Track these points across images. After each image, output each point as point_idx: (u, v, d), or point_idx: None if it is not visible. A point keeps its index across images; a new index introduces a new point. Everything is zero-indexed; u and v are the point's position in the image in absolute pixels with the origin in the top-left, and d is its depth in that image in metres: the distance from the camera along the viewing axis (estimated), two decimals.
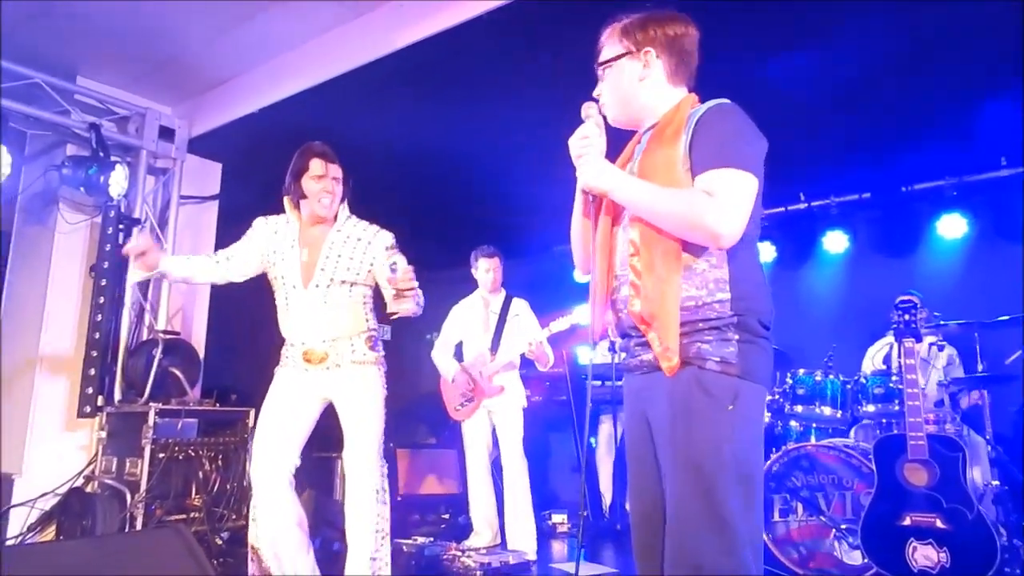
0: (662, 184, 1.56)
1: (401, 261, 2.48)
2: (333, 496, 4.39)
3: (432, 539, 4.23)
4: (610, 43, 1.73)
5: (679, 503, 1.50)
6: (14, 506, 3.93)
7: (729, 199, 1.48)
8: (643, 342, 1.59)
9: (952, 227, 4.82)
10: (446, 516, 5.12)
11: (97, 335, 4.16)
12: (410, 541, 4.14)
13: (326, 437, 2.85)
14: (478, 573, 3.59)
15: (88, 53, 4.15)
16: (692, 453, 1.49)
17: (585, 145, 1.65)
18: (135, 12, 3.71)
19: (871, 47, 3.47)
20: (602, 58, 1.73)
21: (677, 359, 1.50)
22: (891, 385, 3.72)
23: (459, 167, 4.85)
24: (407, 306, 2.50)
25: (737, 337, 1.51)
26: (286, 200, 2.82)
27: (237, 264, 2.82)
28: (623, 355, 1.71)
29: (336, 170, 2.75)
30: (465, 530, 4.46)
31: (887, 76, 3.73)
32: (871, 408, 3.78)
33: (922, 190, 4.97)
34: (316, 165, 2.71)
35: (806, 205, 5.34)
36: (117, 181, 4.15)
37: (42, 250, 4.37)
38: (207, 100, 4.66)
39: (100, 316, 4.19)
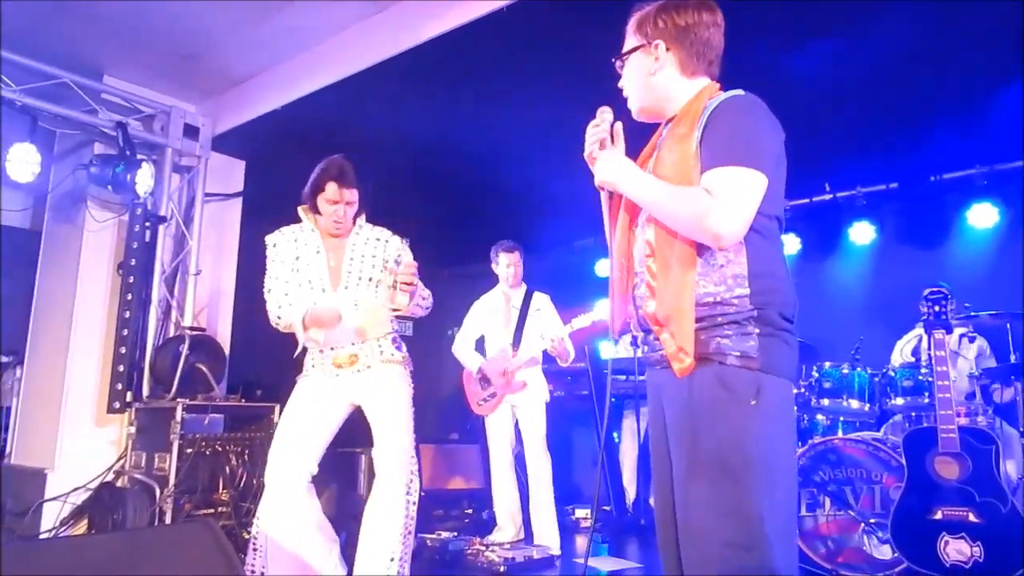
0: (676, 181, 1.54)
1: (407, 255, 2.53)
2: (357, 491, 4.42)
3: (456, 534, 4.24)
4: (628, 36, 1.71)
5: (702, 501, 1.46)
6: (47, 500, 4.02)
7: (731, 198, 1.45)
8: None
9: (983, 216, 4.71)
10: (469, 511, 5.13)
11: (125, 332, 4.23)
12: (434, 536, 4.16)
13: (350, 433, 2.86)
14: (502, 568, 3.59)
15: (114, 52, 4.21)
16: (715, 451, 1.46)
17: (593, 141, 1.65)
18: (160, 11, 3.75)
19: (898, 34, 3.40)
20: (625, 48, 1.71)
21: (690, 360, 1.47)
22: (920, 378, 3.66)
23: (479, 162, 4.84)
24: (402, 300, 2.53)
25: (758, 331, 1.48)
26: (303, 209, 2.84)
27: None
28: (645, 348, 1.70)
29: (351, 194, 2.75)
30: (488, 525, 4.48)
31: (914, 63, 3.66)
32: (900, 401, 3.71)
33: (951, 179, 4.87)
34: (331, 189, 2.72)
35: (831, 196, 5.25)
36: (143, 179, 4.21)
37: (71, 248, 4.45)
38: (230, 98, 4.71)
39: (128, 313, 4.26)
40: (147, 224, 4.35)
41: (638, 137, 1.73)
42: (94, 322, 4.38)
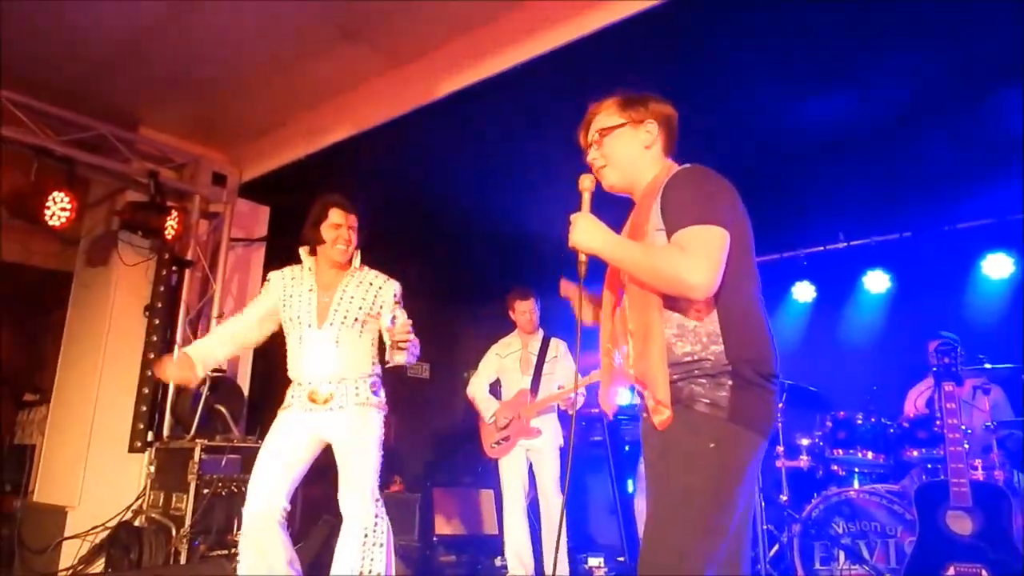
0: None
1: (401, 315, 2.64)
2: None
3: None
4: (606, 114, 1.85)
5: (653, 534, 1.57)
6: (66, 538, 4.08)
7: (698, 251, 1.56)
8: None
9: (998, 266, 4.71)
10: (483, 557, 5.09)
11: (149, 373, 4.34)
12: None
13: None
14: None
15: (149, 105, 4.42)
16: (668, 486, 1.57)
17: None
18: (193, 66, 3.95)
19: (911, 85, 3.48)
20: (603, 124, 1.84)
21: (668, 412, 1.57)
22: (936, 429, 3.62)
23: (500, 207, 4.95)
24: (401, 359, 2.63)
25: (731, 383, 1.57)
26: (303, 250, 2.95)
27: (260, 325, 2.97)
28: (639, 399, 1.79)
29: (354, 220, 2.90)
30: (501, 571, 4.45)
31: (927, 114, 3.72)
32: (915, 453, 3.68)
33: (964, 229, 4.89)
34: (335, 214, 2.85)
35: (846, 244, 5.29)
36: (172, 225, 4.37)
37: (101, 291, 4.60)
38: (257, 147, 4.89)
39: (152, 354, 4.38)
40: (174, 268, 4.51)
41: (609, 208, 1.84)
42: (121, 363, 4.49)
